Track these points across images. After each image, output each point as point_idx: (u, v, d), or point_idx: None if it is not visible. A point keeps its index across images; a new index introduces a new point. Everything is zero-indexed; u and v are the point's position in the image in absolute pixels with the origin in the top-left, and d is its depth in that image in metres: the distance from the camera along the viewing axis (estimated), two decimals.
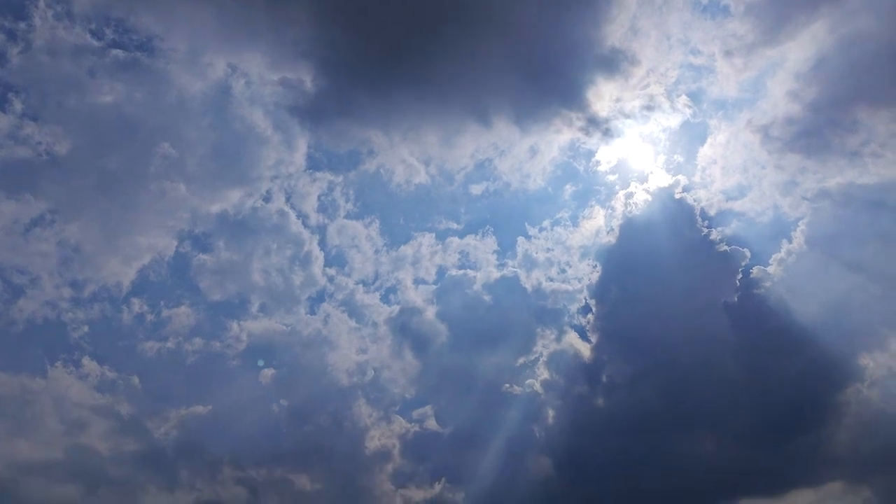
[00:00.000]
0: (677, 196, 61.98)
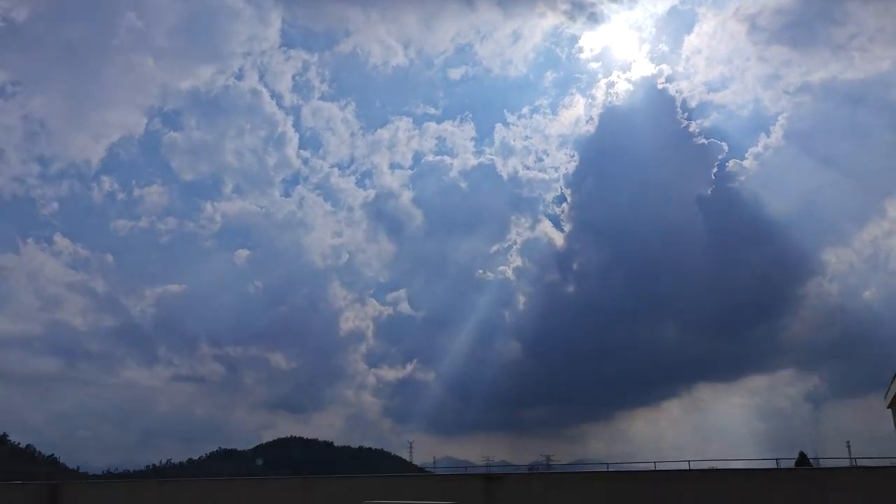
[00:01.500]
0: (659, 86, 61.71)
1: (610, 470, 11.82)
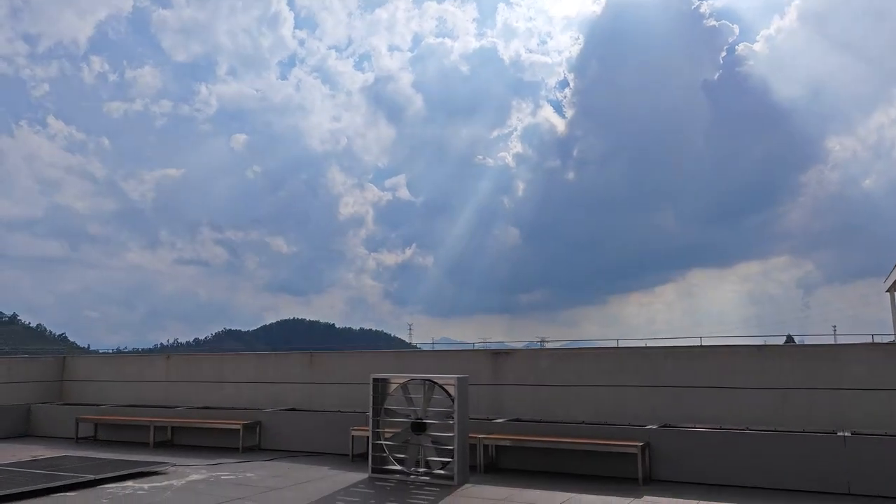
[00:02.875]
0: None
1: (620, 346, 11.70)
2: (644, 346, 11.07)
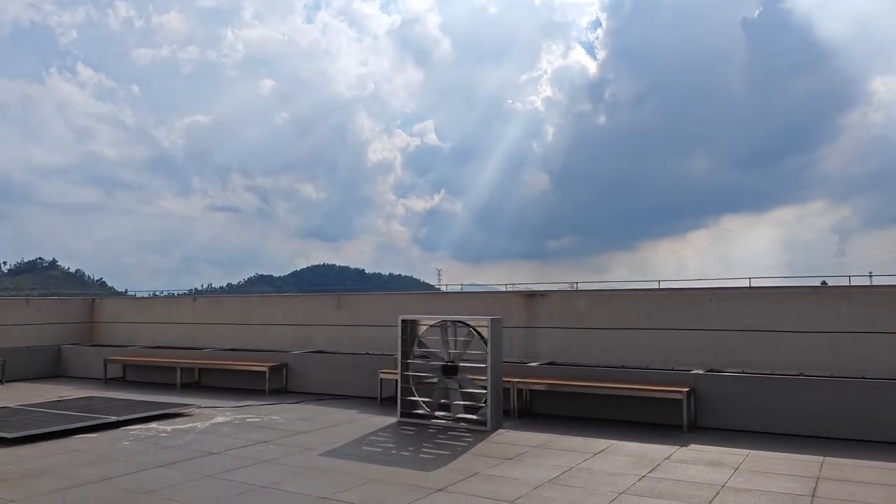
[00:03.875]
0: None
1: (662, 288, 11.11)
2: (688, 287, 10.46)
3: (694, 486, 5.72)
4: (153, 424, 8.58)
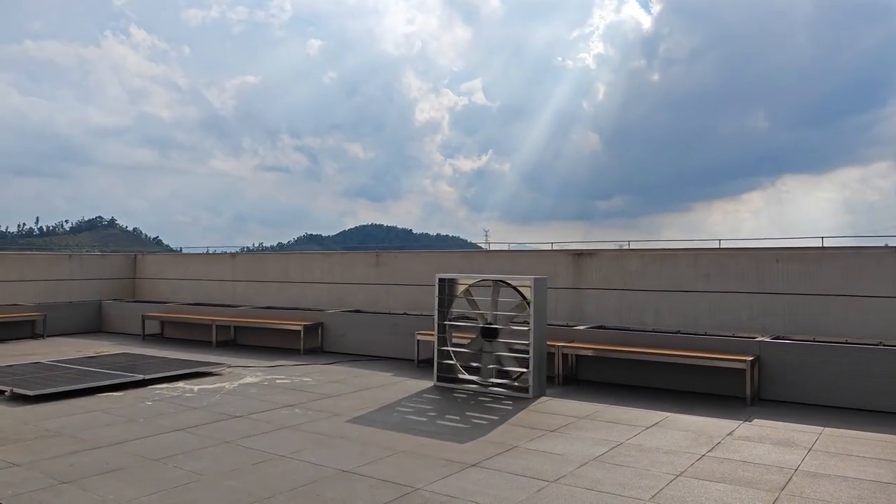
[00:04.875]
0: None
1: (723, 247, 10.26)
2: (751, 247, 9.60)
3: (762, 468, 5.04)
4: (180, 384, 8.26)
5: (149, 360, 9.82)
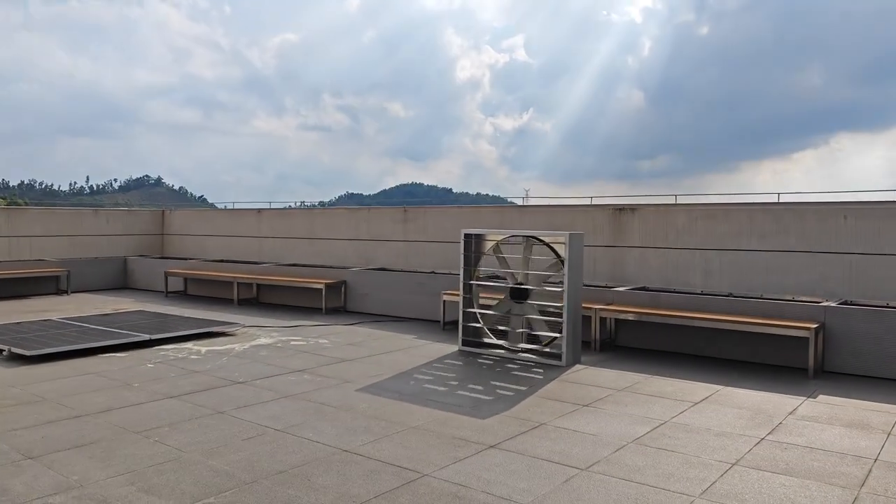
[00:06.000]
0: None
1: (782, 201, 9.29)
2: (816, 201, 8.61)
3: (835, 458, 4.26)
4: (189, 344, 7.77)
5: (163, 318, 9.38)
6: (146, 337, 7.76)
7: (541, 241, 7.25)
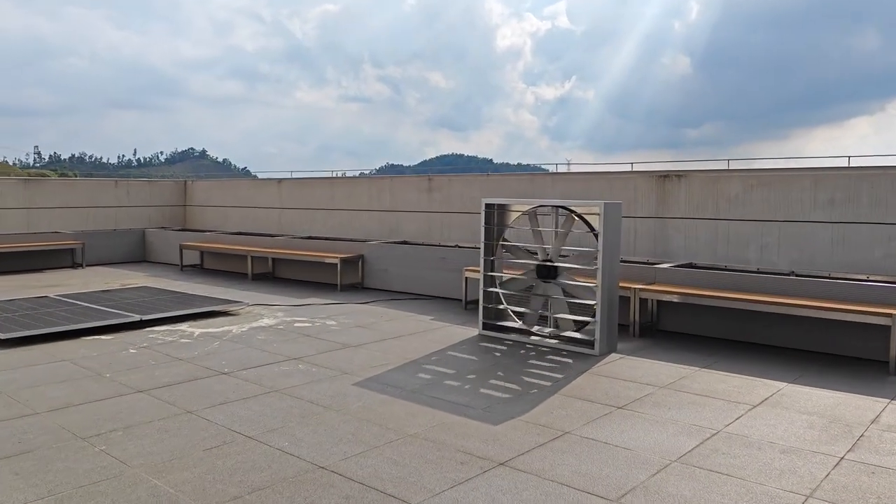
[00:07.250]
0: None
1: (853, 165, 8.18)
2: (891, 164, 7.49)
3: None
4: (183, 326, 7.11)
5: (166, 295, 8.76)
6: (136, 318, 7.12)
7: (572, 211, 6.34)
